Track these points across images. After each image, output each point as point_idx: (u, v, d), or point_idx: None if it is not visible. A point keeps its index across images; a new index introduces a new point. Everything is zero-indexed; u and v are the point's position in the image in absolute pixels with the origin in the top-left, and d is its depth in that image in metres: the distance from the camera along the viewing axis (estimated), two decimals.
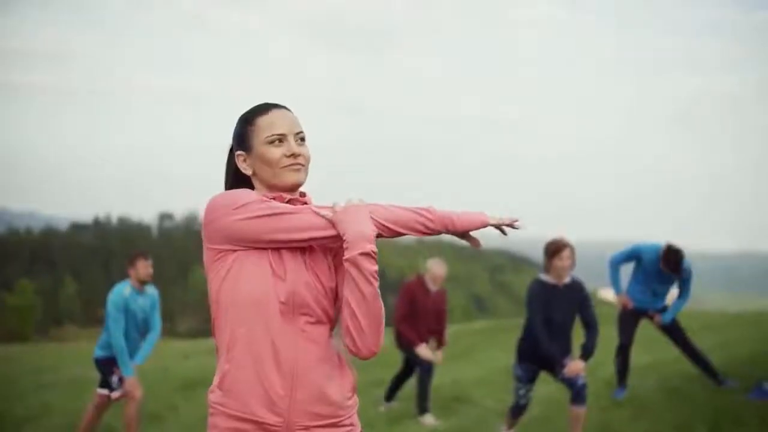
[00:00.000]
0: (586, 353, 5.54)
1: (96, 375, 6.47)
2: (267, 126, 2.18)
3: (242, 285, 2.10)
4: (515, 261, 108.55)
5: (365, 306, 2.08)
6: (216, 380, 2.17)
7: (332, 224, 2.11)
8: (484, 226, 2.23)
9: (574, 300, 5.59)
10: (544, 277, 5.61)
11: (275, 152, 2.16)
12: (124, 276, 6.41)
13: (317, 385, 2.13)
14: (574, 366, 5.44)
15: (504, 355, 11.35)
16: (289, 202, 2.19)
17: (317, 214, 2.12)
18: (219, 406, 2.15)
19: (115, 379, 6.22)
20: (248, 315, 2.10)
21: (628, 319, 7.19)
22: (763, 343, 8.98)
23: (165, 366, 12.31)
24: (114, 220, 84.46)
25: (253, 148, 2.19)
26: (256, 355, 2.10)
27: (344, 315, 2.12)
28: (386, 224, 2.14)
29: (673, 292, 7.18)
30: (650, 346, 9.11)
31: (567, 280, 5.60)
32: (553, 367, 5.55)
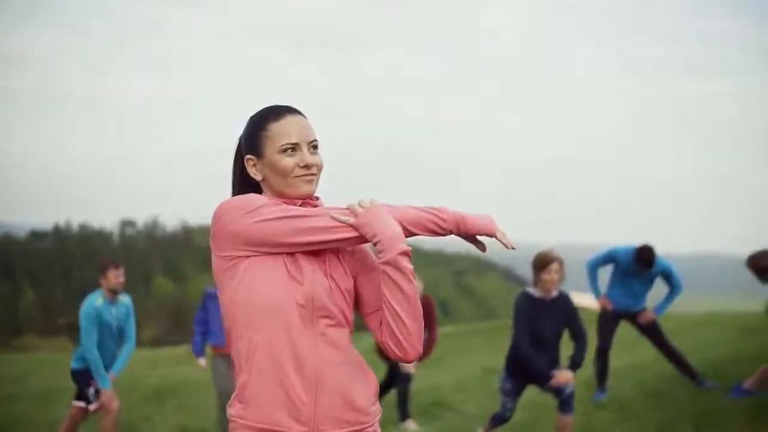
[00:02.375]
0: (575, 364, 5.52)
1: (64, 386, 6.34)
2: (281, 133, 2.11)
3: (258, 290, 2.02)
4: (479, 265, 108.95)
5: (408, 306, 2.04)
6: (235, 393, 2.08)
7: (352, 226, 2.04)
8: (491, 235, 2.17)
9: (562, 313, 5.56)
10: (532, 290, 5.57)
11: (288, 162, 2.10)
12: (84, 284, 6.32)
13: (341, 390, 2.06)
14: (562, 376, 5.40)
15: (477, 360, 11.34)
16: (301, 205, 2.13)
17: (333, 216, 2.05)
18: (239, 419, 2.06)
19: (91, 391, 6.10)
20: (266, 321, 2.02)
21: (608, 322, 7.21)
22: (737, 344, 9.06)
23: (133, 376, 12.12)
24: (74, 227, 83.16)
25: (265, 155, 2.12)
26: (276, 361, 2.02)
27: (386, 319, 2.06)
28: (403, 224, 2.08)
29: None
30: (628, 348, 9.16)
31: (554, 293, 5.57)
32: (541, 380, 5.52)
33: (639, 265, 6.93)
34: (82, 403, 6.19)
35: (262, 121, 2.15)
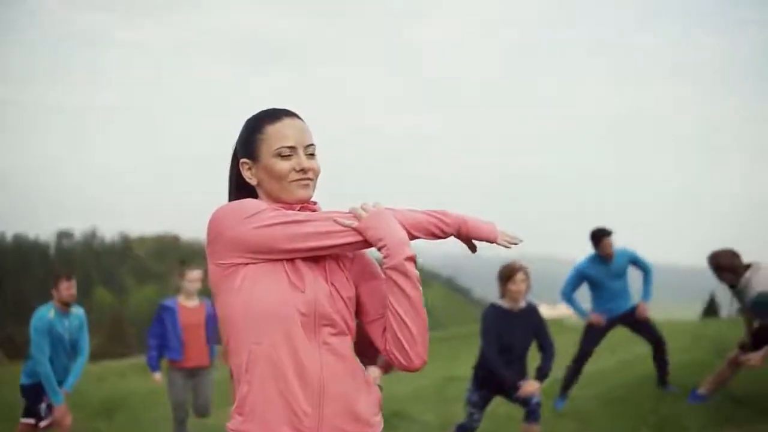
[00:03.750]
0: (542, 375, 5.50)
1: (13, 401, 6.08)
2: (276, 137, 2.03)
3: (257, 299, 1.93)
4: (424, 275, 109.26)
5: (414, 313, 1.97)
6: (234, 406, 1.98)
7: (355, 230, 1.97)
8: (492, 241, 2.10)
9: (529, 324, 5.55)
10: (499, 302, 5.55)
11: (284, 166, 2.02)
12: (19, 296, 6.08)
13: (345, 401, 1.98)
14: (529, 387, 5.38)
15: (433, 369, 11.31)
16: (300, 210, 2.05)
17: (336, 220, 1.97)
18: None
19: (43, 406, 5.87)
20: (267, 330, 1.92)
21: (596, 332, 7.22)
22: (692, 351, 9.19)
23: (80, 390, 11.73)
24: (9, 237, 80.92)
25: (260, 159, 2.04)
26: (278, 371, 1.93)
27: (390, 326, 1.98)
28: (407, 228, 2.01)
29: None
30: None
31: (522, 304, 5.55)
32: (508, 391, 5.49)
33: (600, 251, 6.98)
34: (31, 420, 5.95)
35: (258, 123, 2.06)
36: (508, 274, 5.45)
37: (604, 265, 7.07)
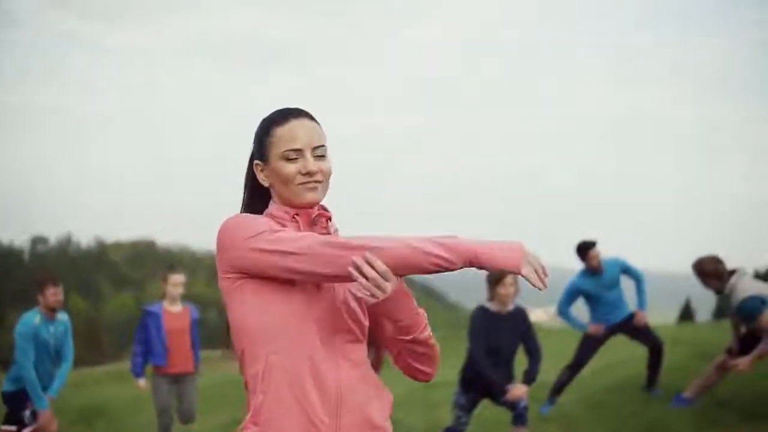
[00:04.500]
0: (529, 379, 5.53)
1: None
2: (284, 139, 1.99)
3: (272, 307, 1.91)
4: None
5: (435, 351, 2.09)
6: (249, 416, 1.94)
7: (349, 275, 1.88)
8: (516, 273, 1.82)
9: (517, 328, 5.57)
10: (488, 304, 5.57)
11: (290, 169, 1.97)
12: None
13: (362, 409, 1.96)
14: (517, 390, 5.41)
15: None
16: (315, 218, 2.02)
17: (332, 252, 1.87)
18: None
19: (27, 413, 5.79)
20: (283, 338, 1.90)
21: (594, 341, 7.26)
22: (670, 355, 9.25)
23: (57, 397, 11.63)
24: None
25: (270, 161, 2.01)
26: (294, 380, 1.90)
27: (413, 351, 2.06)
28: (390, 267, 1.86)
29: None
30: (560, 363, 9.27)
31: (510, 307, 5.57)
32: (496, 394, 5.50)
33: (588, 263, 7.02)
34: (13, 428, 5.86)
35: (268, 125, 2.03)
36: (497, 277, 5.47)
37: (596, 277, 7.12)
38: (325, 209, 2.05)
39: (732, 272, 6.03)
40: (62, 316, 6.01)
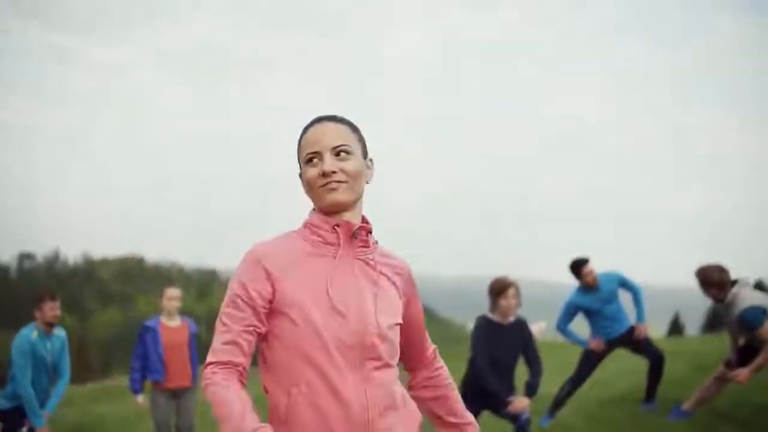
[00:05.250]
0: (531, 391, 5.52)
1: None
2: (304, 145, 2.00)
3: (297, 330, 1.87)
4: None
5: None
6: None
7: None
8: None
9: (518, 339, 5.57)
10: (490, 315, 5.57)
11: (310, 172, 1.96)
12: None
13: None
14: (519, 403, 5.40)
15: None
16: (358, 230, 1.98)
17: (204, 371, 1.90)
18: None
19: (24, 430, 5.73)
20: (307, 364, 1.86)
21: (595, 356, 7.26)
22: (667, 368, 9.26)
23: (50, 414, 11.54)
24: None
25: (301, 169, 2.02)
26: (320, 410, 1.86)
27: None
28: None
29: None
30: (564, 374, 9.26)
31: (512, 318, 5.58)
32: (497, 405, 5.49)
33: (582, 281, 7.03)
34: None
35: (300, 134, 2.03)
36: (499, 289, 5.47)
37: (593, 293, 7.12)
38: (366, 221, 2.03)
39: (734, 282, 6.04)
40: (59, 332, 5.97)
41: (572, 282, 7.30)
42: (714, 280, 6.02)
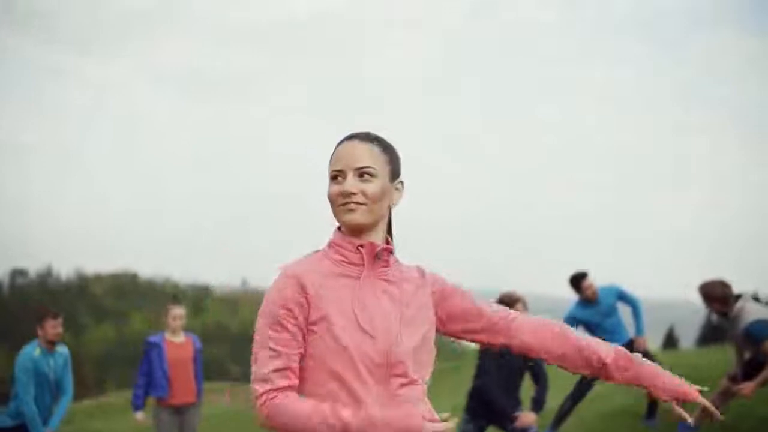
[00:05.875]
0: (537, 406, 5.53)
1: None
2: (333, 161, 1.98)
3: (325, 349, 1.88)
4: None
5: None
6: None
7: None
8: None
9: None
10: None
11: (333, 189, 1.96)
12: None
13: None
14: (526, 418, 5.40)
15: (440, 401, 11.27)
16: (381, 251, 1.98)
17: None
18: None
19: None
20: (333, 382, 1.87)
21: None
22: None
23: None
24: None
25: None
26: None
27: None
28: None
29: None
30: (565, 389, 9.27)
31: None
32: (504, 421, 5.49)
33: (582, 294, 7.05)
34: None
35: (334, 148, 2.03)
36: (507, 303, 5.48)
37: (592, 306, 7.15)
38: (389, 242, 2.04)
39: (738, 296, 6.07)
40: (62, 349, 5.97)
41: (572, 296, 7.32)
42: (717, 295, 6.05)
